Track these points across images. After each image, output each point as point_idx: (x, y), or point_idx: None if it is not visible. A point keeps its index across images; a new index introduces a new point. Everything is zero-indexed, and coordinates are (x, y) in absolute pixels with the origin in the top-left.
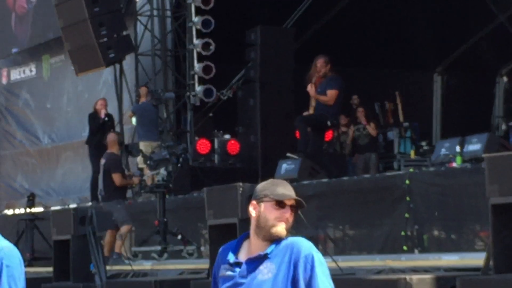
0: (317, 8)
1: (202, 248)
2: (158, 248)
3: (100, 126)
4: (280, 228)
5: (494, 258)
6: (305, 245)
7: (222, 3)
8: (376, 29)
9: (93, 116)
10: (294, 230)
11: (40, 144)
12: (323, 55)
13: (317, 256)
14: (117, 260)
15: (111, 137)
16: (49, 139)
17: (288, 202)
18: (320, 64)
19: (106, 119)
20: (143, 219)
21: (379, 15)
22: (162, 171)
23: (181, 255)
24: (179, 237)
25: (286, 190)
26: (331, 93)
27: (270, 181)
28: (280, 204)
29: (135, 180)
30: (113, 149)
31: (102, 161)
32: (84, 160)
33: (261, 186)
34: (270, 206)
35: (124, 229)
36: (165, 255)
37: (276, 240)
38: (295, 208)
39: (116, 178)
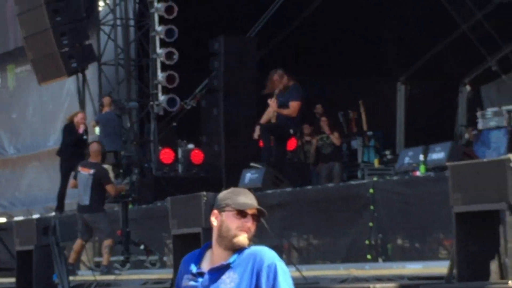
0: (280, 17)
1: (165, 258)
2: (121, 258)
3: (77, 141)
4: (242, 238)
5: (457, 266)
6: (268, 254)
7: (186, 13)
8: (340, 38)
9: (70, 128)
10: (258, 239)
11: (5, 154)
12: (276, 69)
13: (280, 265)
14: (108, 272)
15: (95, 147)
16: (14, 149)
17: (250, 211)
18: (276, 79)
19: (85, 137)
20: None
21: (342, 25)
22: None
23: (144, 265)
24: (142, 247)
25: (248, 199)
26: (293, 105)
27: (231, 189)
28: (241, 213)
29: (124, 187)
30: (97, 159)
31: (90, 171)
32: (49, 170)
33: (222, 195)
34: (231, 216)
35: (109, 241)
36: (128, 265)
37: (238, 249)
38: (257, 217)
39: (111, 188)
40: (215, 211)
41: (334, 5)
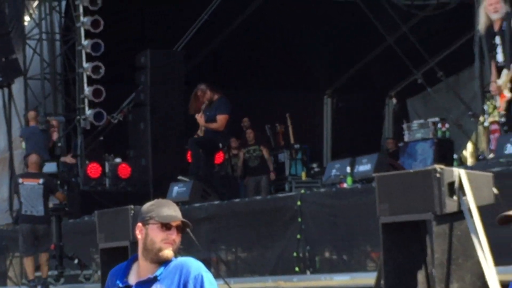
0: (207, 30)
1: (99, 272)
2: (55, 272)
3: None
4: (167, 251)
5: (384, 277)
6: (194, 266)
7: (112, 26)
8: (267, 51)
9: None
10: (186, 253)
11: None
12: (201, 84)
13: (207, 276)
14: (45, 287)
15: (34, 158)
16: None
17: (174, 223)
18: (200, 94)
19: (60, 144)
20: None
21: (270, 38)
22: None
23: (78, 279)
24: (76, 261)
25: (172, 211)
26: (221, 118)
27: (155, 201)
28: (166, 226)
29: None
30: (38, 169)
31: (38, 181)
32: None
33: (146, 207)
34: (156, 228)
35: (47, 255)
36: (62, 280)
37: (164, 262)
38: (181, 228)
39: (61, 195)
40: (140, 224)
41: (261, 19)
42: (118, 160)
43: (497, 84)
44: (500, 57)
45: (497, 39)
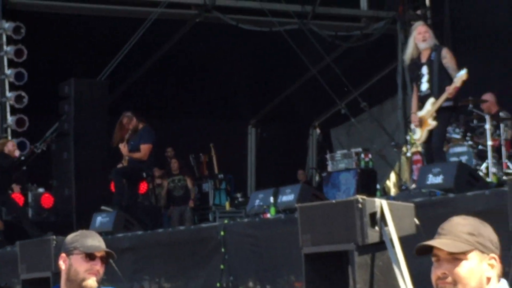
0: (131, 60)
1: None
2: None
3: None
4: (91, 281)
5: None
6: None
7: (35, 56)
8: (191, 81)
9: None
10: (109, 283)
11: None
12: (125, 112)
13: None
14: None
15: None
16: None
17: (98, 254)
18: (126, 121)
19: (23, 158)
20: None
21: (194, 67)
22: None
23: None
24: None
25: (96, 241)
26: (144, 148)
27: (79, 232)
28: (90, 256)
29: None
30: None
31: None
32: None
33: (70, 238)
34: (80, 259)
35: None
36: None
37: None
38: (105, 259)
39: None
40: (63, 255)
41: (185, 48)
42: (41, 190)
43: (419, 115)
44: (424, 86)
45: (424, 69)
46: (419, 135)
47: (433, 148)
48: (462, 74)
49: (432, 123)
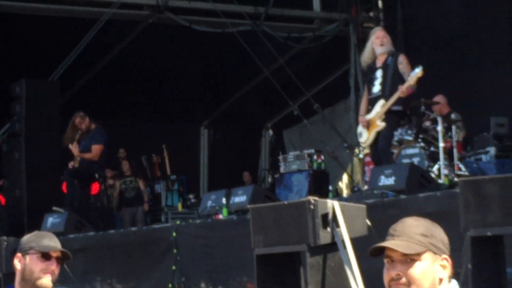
0: (84, 61)
1: None
2: None
3: None
4: (46, 280)
5: None
6: None
7: None
8: (143, 82)
9: None
10: (60, 284)
11: None
12: (77, 112)
13: None
14: None
15: None
16: None
17: (54, 254)
18: (78, 121)
19: None
20: None
21: (146, 69)
22: None
23: None
24: None
25: (52, 242)
26: (96, 148)
27: (35, 233)
28: (45, 256)
29: None
30: None
31: None
32: None
33: (26, 238)
34: (35, 258)
35: None
36: None
37: None
38: (61, 260)
39: None
40: (19, 254)
41: (138, 50)
42: None
43: (367, 118)
44: (376, 88)
45: (378, 73)
46: (365, 137)
47: (379, 151)
48: (418, 71)
49: (380, 124)
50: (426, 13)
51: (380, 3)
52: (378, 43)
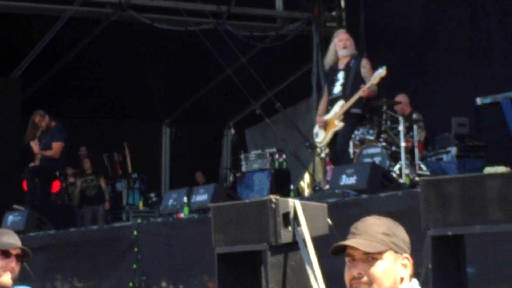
0: (46, 58)
1: None
2: None
3: None
4: (6, 278)
5: None
6: None
7: None
8: (105, 80)
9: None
10: (20, 282)
11: None
12: (37, 110)
13: None
14: None
15: None
16: None
17: (13, 251)
18: (38, 119)
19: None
20: None
21: (108, 66)
22: None
23: None
24: None
25: (11, 239)
26: (56, 146)
27: None
28: (5, 253)
29: None
30: None
31: None
32: None
33: None
34: None
35: None
36: None
37: None
38: (20, 257)
39: None
40: None
41: (99, 48)
42: None
43: (325, 118)
44: (337, 89)
45: (340, 75)
46: (322, 137)
47: (337, 150)
48: (381, 71)
49: (338, 124)
50: (388, 13)
51: (342, 3)
52: (341, 46)
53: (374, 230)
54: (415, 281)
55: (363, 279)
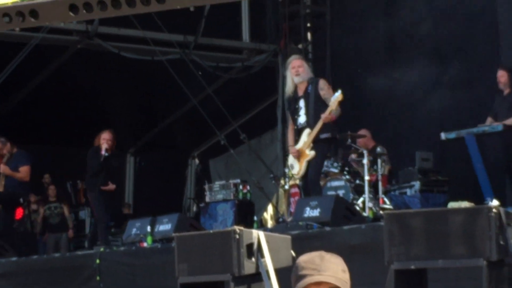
0: (11, 84)
1: None
2: None
3: (102, 165)
4: None
5: None
6: None
7: None
8: (70, 108)
9: (94, 152)
10: None
11: None
12: None
13: None
14: None
15: None
16: None
17: None
18: (0, 146)
19: (107, 154)
20: None
21: (73, 94)
22: None
23: None
24: None
25: None
26: (24, 169)
27: None
28: None
29: None
30: None
31: None
32: None
33: None
34: None
35: None
36: None
37: None
38: None
39: None
40: None
41: (67, 74)
42: None
43: (297, 148)
44: (302, 119)
45: (301, 103)
46: (297, 169)
47: (309, 180)
48: (337, 95)
49: (310, 153)
50: (353, 46)
51: (309, 36)
52: (294, 73)
53: (335, 268)
54: None
55: None
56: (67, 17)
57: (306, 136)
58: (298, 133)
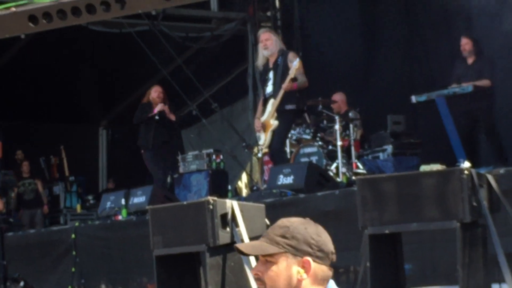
0: None
1: None
2: None
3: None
4: None
5: None
6: None
7: None
8: (39, 83)
9: (146, 107)
10: None
11: None
12: None
13: None
14: None
15: None
16: None
17: None
18: None
19: (157, 118)
20: None
21: (43, 69)
22: None
23: None
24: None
25: None
26: None
27: None
28: None
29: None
30: None
31: None
32: None
33: None
34: None
35: None
36: None
37: None
38: None
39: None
40: None
41: (34, 50)
42: None
43: (262, 120)
44: (269, 89)
45: (270, 74)
46: (263, 139)
47: (272, 150)
48: (295, 64)
49: (274, 123)
50: (323, 11)
51: (277, 3)
52: (262, 47)
53: (274, 233)
54: (331, 283)
55: (260, 280)
56: (28, 29)
57: (270, 106)
58: (264, 103)
